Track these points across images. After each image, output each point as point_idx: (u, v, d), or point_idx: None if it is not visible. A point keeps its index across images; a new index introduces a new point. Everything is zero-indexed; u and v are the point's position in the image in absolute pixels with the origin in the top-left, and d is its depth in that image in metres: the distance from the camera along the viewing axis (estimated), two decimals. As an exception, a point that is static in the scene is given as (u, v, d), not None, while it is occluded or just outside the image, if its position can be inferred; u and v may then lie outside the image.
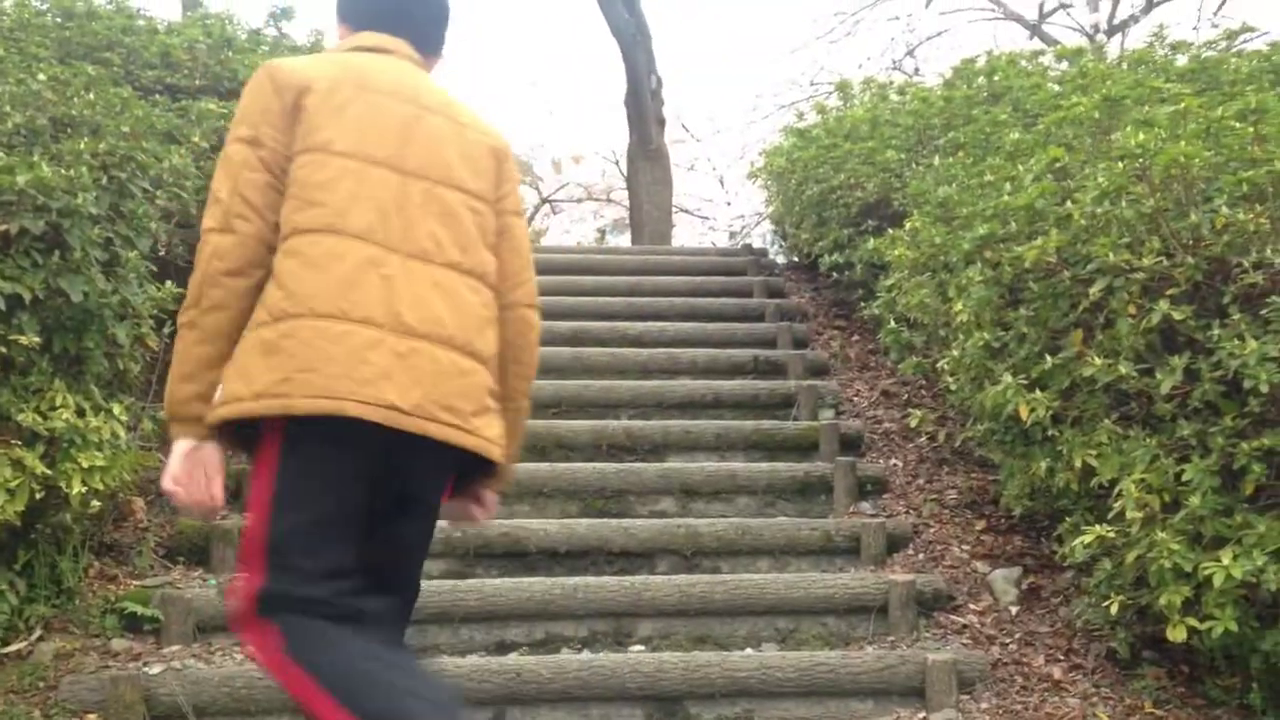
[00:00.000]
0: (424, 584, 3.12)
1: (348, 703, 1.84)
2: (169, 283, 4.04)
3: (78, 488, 3.48)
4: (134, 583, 3.96)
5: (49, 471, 3.41)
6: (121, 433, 3.74)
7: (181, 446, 2.05)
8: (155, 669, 3.50)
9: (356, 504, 2.00)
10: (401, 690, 1.89)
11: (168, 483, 2.05)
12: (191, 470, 2.03)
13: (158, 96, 4.94)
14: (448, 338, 2.04)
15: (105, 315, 3.63)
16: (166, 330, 4.04)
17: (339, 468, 1.98)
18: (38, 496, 3.38)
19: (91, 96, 4.18)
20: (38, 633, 3.61)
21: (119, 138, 3.97)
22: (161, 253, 4.60)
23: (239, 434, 2.04)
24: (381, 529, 2.07)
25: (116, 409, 3.74)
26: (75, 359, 3.64)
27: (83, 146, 3.75)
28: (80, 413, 3.56)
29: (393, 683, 1.89)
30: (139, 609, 3.76)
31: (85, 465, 3.51)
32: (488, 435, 2.09)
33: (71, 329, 3.57)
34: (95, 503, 3.63)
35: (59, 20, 5.23)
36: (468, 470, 2.17)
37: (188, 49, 5.38)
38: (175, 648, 3.70)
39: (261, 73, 2.13)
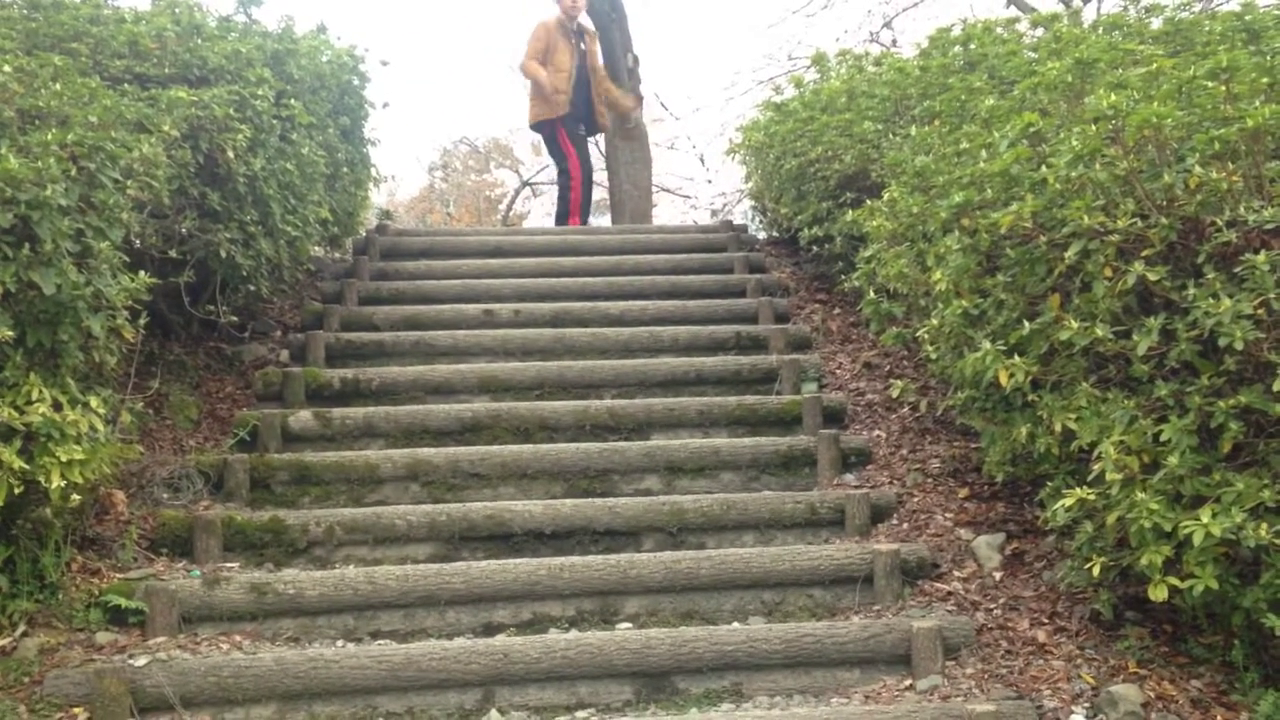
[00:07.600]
0: (410, 569, 4.12)
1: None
2: (142, 273, 3.99)
3: (57, 482, 3.46)
4: (117, 575, 3.95)
5: (27, 466, 3.39)
6: (100, 426, 3.71)
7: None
8: (140, 661, 3.49)
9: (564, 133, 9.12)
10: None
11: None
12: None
13: (126, 86, 4.86)
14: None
15: (79, 307, 3.59)
16: (142, 321, 4.00)
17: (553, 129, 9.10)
18: (16, 492, 3.37)
19: (59, 87, 4.12)
20: (21, 628, 3.59)
21: (87, 128, 3.92)
22: (135, 243, 4.55)
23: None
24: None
25: (94, 402, 3.71)
26: (50, 352, 3.62)
27: (50, 138, 3.70)
28: (57, 406, 3.54)
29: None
30: (123, 602, 3.75)
31: (64, 459, 3.49)
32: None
33: (45, 322, 3.55)
34: (75, 496, 3.62)
35: (25, 11, 5.15)
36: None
37: (156, 37, 5.31)
38: (161, 639, 3.69)
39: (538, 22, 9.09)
